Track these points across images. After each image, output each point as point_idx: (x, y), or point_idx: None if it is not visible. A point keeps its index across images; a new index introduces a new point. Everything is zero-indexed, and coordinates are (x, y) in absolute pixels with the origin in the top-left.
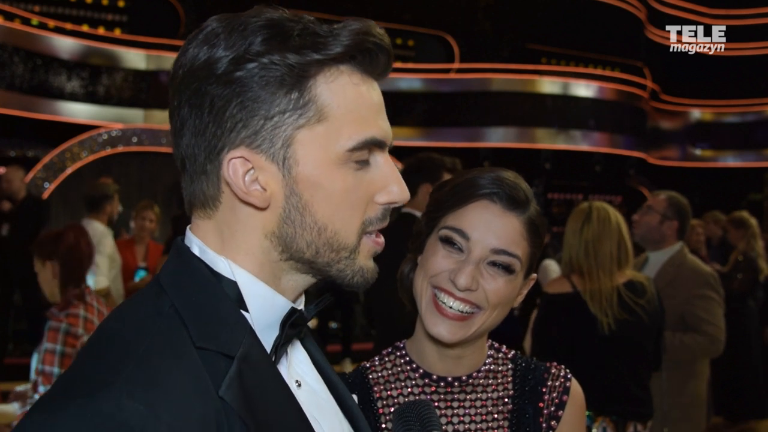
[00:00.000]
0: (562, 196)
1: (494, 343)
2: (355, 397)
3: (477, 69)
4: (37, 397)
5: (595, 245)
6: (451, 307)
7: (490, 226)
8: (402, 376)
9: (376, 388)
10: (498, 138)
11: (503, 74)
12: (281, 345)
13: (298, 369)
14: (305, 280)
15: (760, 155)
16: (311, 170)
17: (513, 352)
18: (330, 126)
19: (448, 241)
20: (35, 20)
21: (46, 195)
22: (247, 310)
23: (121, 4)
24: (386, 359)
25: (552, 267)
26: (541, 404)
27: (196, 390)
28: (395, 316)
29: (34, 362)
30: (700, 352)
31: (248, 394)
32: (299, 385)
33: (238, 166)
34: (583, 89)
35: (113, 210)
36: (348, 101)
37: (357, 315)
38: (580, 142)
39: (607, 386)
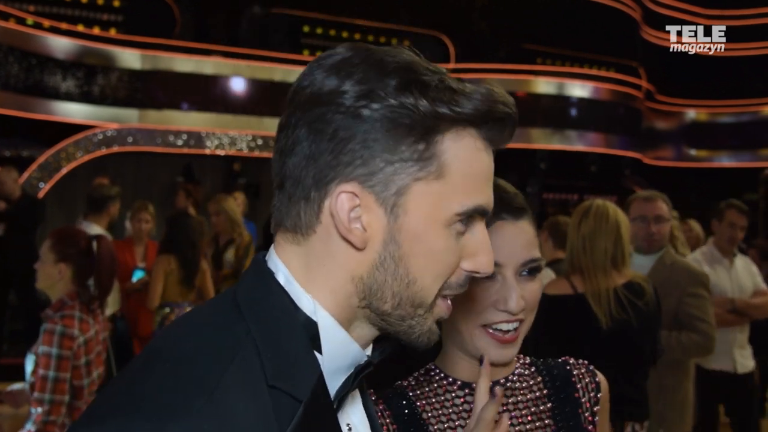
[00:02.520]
0: (558, 197)
1: None
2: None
3: (473, 69)
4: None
5: (591, 241)
6: (506, 332)
7: (511, 244)
8: (440, 391)
9: (419, 403)
10: None
11: (499, 74)
12: (346, 394)
13: (350, 412)
14: (371, 332)
15: (756, 155)
16: (417, 223)
17: (524, 356)
18: (446, 185)
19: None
20: (30, 20)
21: (41, 195)
22: (320, 352)
23: (116, 4)
24: (421, 379)
25: (544, 272)
26: (577, 395)
27: None
28: None
29: (29, 365)
30: (695, 351)
31: None
32: (350, 430)
33: (345, 201)
34: (579, 89)
35: (115, 212)
36: (467, 165)
37: None
38: (576, 143)
39: None
